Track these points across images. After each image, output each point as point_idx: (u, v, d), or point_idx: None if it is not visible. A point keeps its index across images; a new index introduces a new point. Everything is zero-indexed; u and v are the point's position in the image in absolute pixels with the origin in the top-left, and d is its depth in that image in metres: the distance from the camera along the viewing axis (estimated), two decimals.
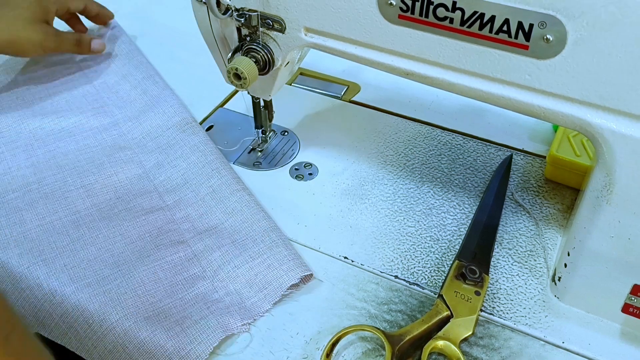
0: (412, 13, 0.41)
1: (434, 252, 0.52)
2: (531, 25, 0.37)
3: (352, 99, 0.70)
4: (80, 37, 0.72)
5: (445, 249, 0.52)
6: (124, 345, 0.44)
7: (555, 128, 0.62)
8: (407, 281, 0.50)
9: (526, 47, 0.38)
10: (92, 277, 0.49)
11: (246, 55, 0.50)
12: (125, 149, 0.61)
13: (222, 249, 0.51)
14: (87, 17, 0.77)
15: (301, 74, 0.74)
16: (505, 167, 0.59)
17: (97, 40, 0.73)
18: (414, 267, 0.51)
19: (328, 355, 0.43)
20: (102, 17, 0.78)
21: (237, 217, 0.53)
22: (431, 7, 0.40)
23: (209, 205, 0.55)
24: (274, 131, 0.65)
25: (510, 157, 0.60)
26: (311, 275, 0.49)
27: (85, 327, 0.46)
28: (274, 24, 0.48)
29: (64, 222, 0.54)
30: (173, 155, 0.60)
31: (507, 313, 0.47)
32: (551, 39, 0.37)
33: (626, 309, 0.44)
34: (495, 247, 0.52)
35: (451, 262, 0.51)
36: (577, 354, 0.44)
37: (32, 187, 0.57)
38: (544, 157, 0.60)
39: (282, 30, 0.48)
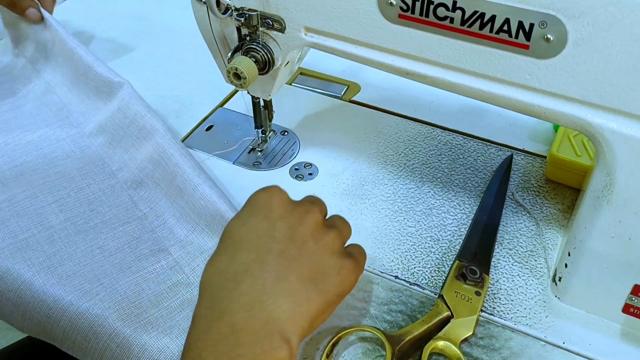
0: (412, 13, 0.41)
1: (434, 252, 0.52)
2: (532, 25, 0.37)
3: (352, 99, 0.69)
4: None
5: (445, 249, 0.52)
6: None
7: (556, 128, 0.62)
8: (407, 281, 0.50)
9: (527, 47, 0.38)
10: (73, 294, 0.47)
11: (246, 55, 0.49)
12: (94, 159, 0.60)
13: (203, 255, 0.51)
14: None
15: (301, 73, 0.74)
16: (506, 167, 0.59)
17: (35, 10, 0.69)
18: (414, 267, 0.51)
19: (328, 355, 0.43)
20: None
21: (207, 217, 0.52)
22: (431, 6, 0.40)
23: (182, 207, 0.54)
24: (274, 131, 0.65)
25: (511, 157, 0.60)
26: None
27: (84, 343, 0.45)
28: (274, 23, 0.48)
29: (38, 238, 0.52)
30: (139, 158, 0.58)
31: (508, 313, 0.47)
32: (552, 38, 0.37)
33: (627, 309, 0.44)
34: (496, 247, 0.52)
35: (451, 262, 0.50)
36: (578, 354, 0.44)
37: (2, 206, 0.55)
38: (545, 157, 0.60)
39: (282, 29, 0.48)
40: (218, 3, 0.47)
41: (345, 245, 0.43)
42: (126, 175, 0.58)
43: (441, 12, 0.40)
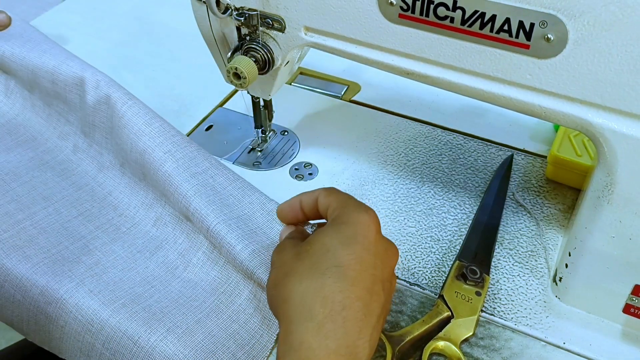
0: (413, 12, 0.41)
1: (434, 252, 0.52)
2: (532, 25, 0.37)
3: (352, 99, 0.69)
4: None
5: (445, 249, 0.52)
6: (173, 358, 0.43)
7: (556, 128, 0.62)
8: (407, 282, 0.50)
9: (527, 47, 0.38)
10: (125, 297, 0.46)
11: (246, 55, 0.49)
12: (107, 166, 0.57)
13: (246, 242, 0.47)
14: None
15: (301, 73, 0.73)
16: (506, 167, 0.59)
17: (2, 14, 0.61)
18: (415, 268, 0.51)
19: None
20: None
21: (225, 205, 0.50)
22: (432, 6, 0.40)
23: (196, 200, 0.50)
24: (274, 131, 0.65)
25: (511, 157, 0.60)
26: None
27: (131, 346, 0.44)
28: (274, 23, 0.48)
29: (72, 250, 0.50)
30: (154, 156, 0.54)
31: (508, 313, 0.47)
32: (552, 38, 0.37)
33: (627, 309, 0.44)
34: (496, 247, 0.52)
35: (452, 262, 0.50)
36: (578, 354, 0.44)
37: (25, 225, 0.52)
38: (545, 157, 0.60)
39: (282, 29, 0.48)
40: (218, 3, 0.47)
41: None
42: (142, 176, 0.56)
43: (441, 11, 0.40)
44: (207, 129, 0.66)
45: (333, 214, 0.39)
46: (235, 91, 0.71)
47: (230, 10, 0.48)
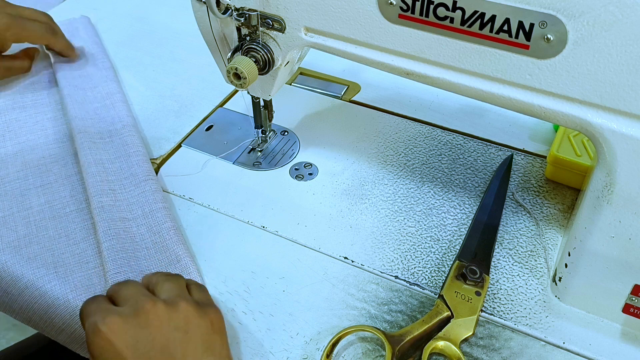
0: (413, 13, 0.41)
1: (434, 252, 0.52)
2: (532, 25, 0.37)
3: (352, 99, 0.69)
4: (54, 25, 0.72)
5: (445, 249, 0.52)
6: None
7: (556, 128, 0.62)
8: (407, 281, 0.50)
9: (527, 47, 0.38)
10: (28, 277, 0.49)
11: (246, 55, 0.49)
12: (93, 146, 0.60)
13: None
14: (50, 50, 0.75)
15: (301, 73, 0.74)
16: (506, 167, 0.59)
17: (21, 62, 0.72)
18: (414, 268, 0.51)
19: (328, 355, 0.43)
20: (65, 54, 0.74)
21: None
22: (431, 6, 0.40)
23: (149, 203, 0.55)
24: (274, 131, 0.65)
25: (511, 157, 0.60)
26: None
27: (41, 321, 0.48)
28: (274, 23, 0.48)
29: (16, 218, 0.55)
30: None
31: (508, 313, 0.47)
32: (552, 38, 0.37)
33: (627, 309, 0.44)
34: (496, 247, 0.52)
35: (452, 262, 0.50)
36: (578, 354, 0.44)
37: None
38: (545, 157, 0.60)
39: (282, 29, 0.48)
40: (218, 3, 0.47)
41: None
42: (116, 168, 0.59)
43: (441, 12, 0.40)
44: (208, 129, 0.66)
45: None
46: (236, 91, 0.71)
47: (230, 10, 0.48)
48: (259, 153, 0.62)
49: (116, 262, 0.49)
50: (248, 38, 0.50)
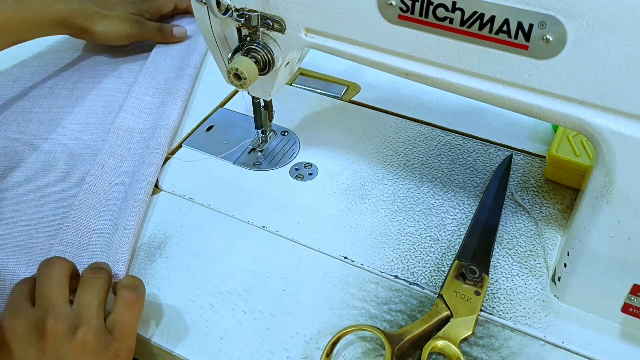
0: (412, 13, 0.41)
1: (433, 252, 0.52)
2: (531, 26, 0.37)
3: (352, 99, 0.70)
4: (162, 25, 0.77)
5: (445, 248, 0.52)
6: None
7: (555, 128, 0.62)
8: (407, 281, 0.50)
9: (526, 47, 0.38)
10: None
11: (246, 56, 0.50)
12: (137, 113, 0.65)
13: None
14: (178, 13, 0.84)
15: (301, 74, 0.74)
16: (505, 167, 0.59)
17: (178, 27, 0.78)
18: (414, 267, 0.51)
19: (328, 355, 0.43)
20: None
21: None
22: (431, 7, 0.40)
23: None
24: (274, 131, 0.65)
25: (510, 157, 0.60)
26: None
27: None
28: (274, 24, 0.48)
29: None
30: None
31: (507, 313, 0.47)
32: (551, 39, 0.37)
33: (626, 308, 0.44)
34: (495, 247, 0.52)
35: (451, 262, 0.51)
36: (577, 353, 0.45)
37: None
38: (544, 157, 0.60)
39: (282, 30, 0.48)
40: (218, 3, 0.48)
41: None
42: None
43: (441, 12, 0.40)
44: (208, 129, 0.66)
45: None
46: (236, 92, 0.71)
47: (230, 11, 0.48)
48: (259, 153, 0.63)
49: (79, 212, 0.53)
50: (248, 39, 0.50)
